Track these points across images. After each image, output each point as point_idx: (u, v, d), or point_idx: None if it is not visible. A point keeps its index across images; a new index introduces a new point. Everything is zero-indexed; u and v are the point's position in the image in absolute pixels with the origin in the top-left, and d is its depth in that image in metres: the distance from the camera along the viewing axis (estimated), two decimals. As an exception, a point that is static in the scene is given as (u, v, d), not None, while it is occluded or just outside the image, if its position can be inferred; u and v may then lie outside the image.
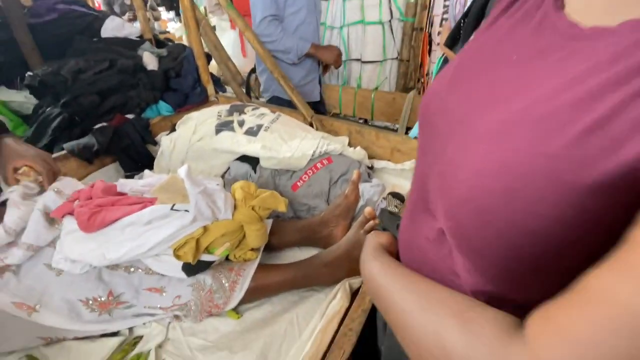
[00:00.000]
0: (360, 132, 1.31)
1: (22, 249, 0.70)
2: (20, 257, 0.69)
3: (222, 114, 1.21)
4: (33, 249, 0.71)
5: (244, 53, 2.61)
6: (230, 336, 0.75)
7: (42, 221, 0.73)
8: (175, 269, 0.73)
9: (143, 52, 1.48)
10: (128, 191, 0.80)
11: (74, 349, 0.72)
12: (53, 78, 1.21)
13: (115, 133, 1.22)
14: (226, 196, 0.79)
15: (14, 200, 0.74)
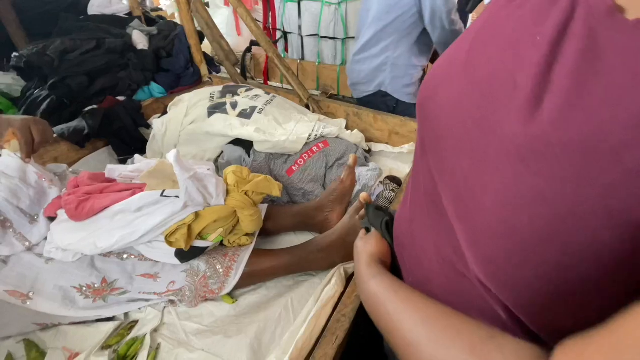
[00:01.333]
0: (358, 115, 1.28)
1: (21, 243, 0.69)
2: (16, 249, 0.68)
3: (215, 95, 1.17)
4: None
5: (238, 31, 2.53)
6: (226, 320, 0.75)
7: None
8: (169, 256, 0.72)
9: (132, 31, 1.42)
10: (117, 177, 0.78)
11: (70, 334, 0.72)
12: (39, 59, 1.17)
13: (106, 116, 1.19)
14: (218, 181, 0.77)
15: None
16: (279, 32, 2.20)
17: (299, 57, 2.18)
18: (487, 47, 0.28)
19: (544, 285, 0.23)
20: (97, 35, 1.30)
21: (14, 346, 0.71)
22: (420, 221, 0.37)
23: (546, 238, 0.21)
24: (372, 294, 0.36)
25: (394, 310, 0.32)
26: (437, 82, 0.32)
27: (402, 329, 0.30)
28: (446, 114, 0.30)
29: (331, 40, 2.00)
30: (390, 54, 1.41)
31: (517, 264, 0.23)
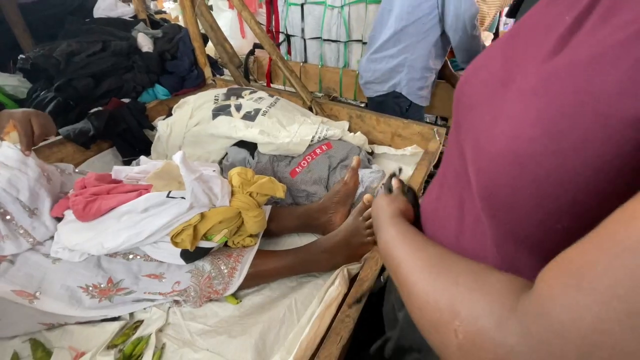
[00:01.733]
0: (361, 117, 1.29)
1: (28, 241, 0.69)
2: (22, 246, 0.69)
3: (219, 97, 1.18)
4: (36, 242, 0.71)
5: (242, 34, 2.54)
6: (230, 321, 0.76)
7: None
8: (174, 256, 0.73)
9: (137, 33, 1.43)
10: (123, 178, 0.79)
11: (76, 333, 0.73)
12: (45, 61, 1.18)
13: (111, 117, 1.20)
14: (223, 182, 0.78)
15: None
16: (282, 35, 2.22)
17: (302, 60, 2.19)
18: (521, 37, 0.31)
19: (543, 204, 0.24)
20: (103, 38, 1.31)
21: (19, 345, 0.72)
22: (446, 199, 0.39)
23: (544, 148, 0.23)
24: (387, 240, 0.37)
25: (398, 253, 0.34)
26: (474, 69, 0.35)
27: (403, 270, 0.31)
28: (477, 89, 0.33)
29: (334, 43, 2.01)
30: (409, 56, 1.41)
31: (518, 174, 0.24)
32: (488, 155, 0.27)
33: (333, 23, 1.95)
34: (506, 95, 0.28)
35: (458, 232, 0.35)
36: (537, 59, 0.27)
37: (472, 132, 0.32)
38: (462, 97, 0.36)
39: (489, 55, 0.35)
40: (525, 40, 0.30)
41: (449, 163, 0.40)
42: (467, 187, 0.33)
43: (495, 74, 0.31)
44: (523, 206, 0.25)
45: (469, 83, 0.35)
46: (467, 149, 0.33)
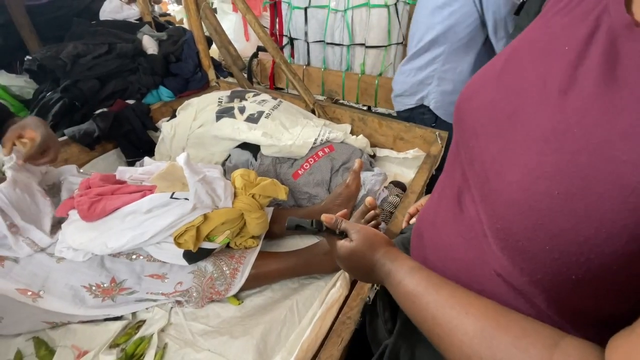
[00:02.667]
0: (363, 120, 1.30)
1: (31, 247, 0.70)
2: (26, 252, 0.69)
3: (223, 100, 1.19)
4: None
5: (246, 37, 2.56)
6: (232, 321, 0.76)
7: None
8: (177, 257, 0.73)
9: (142, 36, 1.45)
10: (127, 179, 0.80)
11: (79, 332, 0.74)
12: (52, 62, 1.19)
13: (116, 119, 1.21)
14: (226, 184, 0.78)
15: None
16: (286, 38, 2.23)
17: (305, 63, 2.20)
18: (522, 58, 0.32)
19: (557, 257, 0.24)
20: (109, 40, 1.33)
21: (23, 344, 0.73)
22: (444, 215, 0.39)
23: (560, 208, 0.23)
24: (409, 294, 0.34)
25: (443, 316, 0.30)
26: (475, 88, 0.36)
27: (456, 337, 0.28)
28: (480, 114, 0.33)
29: (337, 46, 2.02)
30: (438, 67, 1.29)
31: (532, 227, 0.25)
32: (502, 202, 0.27)
33: (336, 27, 1.96)
34: (515, 134, 0.28)
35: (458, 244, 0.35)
36: (542, 94, 0.27)
37: (478, 163, 0.32)
38: (464, 117, 0.36)
39: (488, 75, 0.35)
40: (525, 66, 0.31)
41: (449, 178, 0.39)
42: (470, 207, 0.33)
43: (498, 104, 0.31)
44: (537, 254, 0.25)
45: (471, 105, 0.35)
46: (473, 180, 0.33)
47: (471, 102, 0.35)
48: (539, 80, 0.28)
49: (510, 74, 0.32)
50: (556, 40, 0.29)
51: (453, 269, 0.36)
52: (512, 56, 0.33)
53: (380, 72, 2.03)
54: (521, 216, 0.26)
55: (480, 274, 0.32)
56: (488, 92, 0.33)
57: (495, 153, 0.29)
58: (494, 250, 0.30)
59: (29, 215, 0.71)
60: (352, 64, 2.05)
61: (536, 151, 0.26)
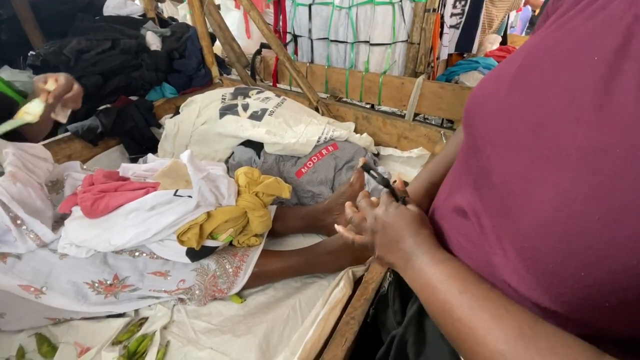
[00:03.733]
0: (367, 118, 1.29)
1: (34, 241, 0.70)
2: (29, 247, 0.69)
3: (227, 97, 1.19)
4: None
5: (248, 34, 2.54)
6: (234, 320, 0.76)
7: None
8: (179, 254, 0.73)
9: (146, 32, 1.44)
10: (131, 176, 0.80)
11: (81, 329, 0.74)
12: (55, 57, 1.19)
13: (119, 115, 1.21)
14: (229, 182, 0.78)
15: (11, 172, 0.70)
16: (289, 35, 2.22)
17: (309, 60, 2.19)
18: (541, 64, 0.30)
19: (591, 284, 0.23)
20: (112, 36, 1.32)
21: (25, 340, 0.73)
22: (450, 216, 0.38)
23: (599, 233, 0.22)
24: (436, 285, 0.33)
25: (466, 312, 0.29)
26: (486, 92, 0.34)
27: (478, 338, 0.28)
28: (495, 121, 0.31)
29: (341, 44, 2.01)
30: None
31: (564, 253, 0.24)
32: (530, 220, 0.26)
33: (340, 24, 1.95)
34: (541, 148, 0.27)
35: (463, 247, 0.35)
36: (572, 107, 0.26)
37: (497, 175, 0.30)
38: (475, 123, 0.34)
39: (502, 78, 0.33)
40: (546, 73, 0.29)
41: (458, 180, 0.38)
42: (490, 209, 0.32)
43: (517, 112, 0.29)
44: (568, 279, 0.24)
45: (483, 110, 0.33)
46: (488, 190, 0.31)
47: (483, 106, 0.33)
48: (565, 91, 0.27)
49: (528, 80, 0.30)
50: (581, 48, 0.27)
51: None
52: (529, 60, 0.31)
53: (385, 70, 2.01)
54: (552, 238, 0.24)
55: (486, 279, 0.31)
56: (503, 98, 0.31)
57: (519, 166, 0.28)
58: (514, 266, 0.28)
59: (32, 209, 0.70)
60: (356, 61, 2.03)
61: (571, 170, 0.24)
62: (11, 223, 0.66)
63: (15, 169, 0.71)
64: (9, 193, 0.66)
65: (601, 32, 0.27)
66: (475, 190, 0.34)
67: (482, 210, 0.32)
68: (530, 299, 0.28)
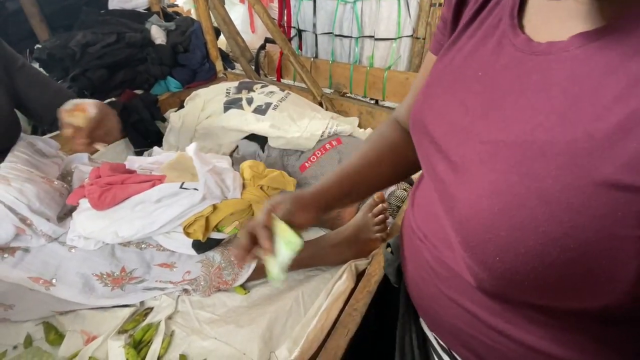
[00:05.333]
0: (371, 113, 1.29)
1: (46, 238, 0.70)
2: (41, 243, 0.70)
3: (231, 91, 1.19)
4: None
5: (252, 28, 2.54)
6: (238, 311, 0.77)
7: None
8: (186, 246, 0.74)
9: (151, 26, 1.44)
10: (137, 168, 0.81)
11: (88, 318, 0.75)
12: (61, 51, 1.20)
13: (124, 109, 1.21)
14: (235, 175, 0.79)
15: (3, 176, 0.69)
16: (294, 30, 2.21)
17: (313, 55, 2.18)
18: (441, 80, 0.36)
19: (507, 266, 0.27)
20: (118, 30, 1.33)
21: (33, 328, 0.74)
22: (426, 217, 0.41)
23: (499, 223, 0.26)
24: None
25: None
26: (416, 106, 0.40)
27: None
28: (420, 132, 0.37)
29: (345, 38, 2.00)
30: None
31: (483, 242, 0.28)
32: (460, 216, 0.30)
33: (345, 18, 1.94)
34: (451, 155, 0.32)
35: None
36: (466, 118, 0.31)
37: (439, 182, 0.34)
38: (424, 127, 0.38)
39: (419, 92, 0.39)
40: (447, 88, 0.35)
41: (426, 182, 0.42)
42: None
43: (433, 126, 0.35)
44: (490, 262, 0.28)
45: (415, 122, 0.38)
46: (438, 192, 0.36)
47: (415, 124, 0.39)
48: (460, 104, 0.32)
49: (432, 99, 0.36)
50: (466, 64, 0.33)
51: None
52: (432, 81, 0.37)
53: (389, 66, 2.00)
54: (474, 231, 0.28)
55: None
56: (421, 113, 0.37)
57: (442, 173, 0.33)
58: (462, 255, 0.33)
59: (35, 206, 0.70)
60: (361, 56, 2.02)
61: (474, 172, 0.29)
62: (23, 224, 0.67)
63: (9, 170, 0.71)
64: (10, 195, 0.67)
65: (481, 46, 0.32)
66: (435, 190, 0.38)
67: (441, 210, 0.36)
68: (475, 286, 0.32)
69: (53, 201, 0.74)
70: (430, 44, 0.45)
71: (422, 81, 0.44)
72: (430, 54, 0.44)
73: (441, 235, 0.36)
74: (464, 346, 0.37)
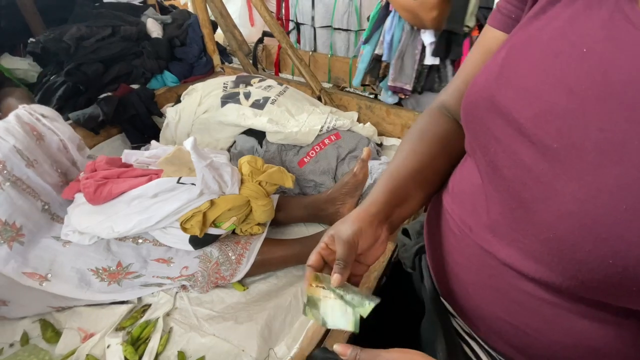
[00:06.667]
0: (370, 108, 1.27)
1: None
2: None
3: (228, 85, 1.18)
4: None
5: (251, 21, 2.51)
6: (236, 307, 0.76)
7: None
8: (183, 242, 0.73)
9: (147, 19, 1.42)
10: (133, 162, 0.79)
11: (85, 315, 0.74)
12: (55, 45, 1.18)
13: (121, 103, 1.20)
14: (233, 170, 0.78)
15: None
16: (292, 23, 2.19)
17: (311, 49, 2.16)
18: (525, 55, 0.30)
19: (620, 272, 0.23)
20: (113, 23, 1.30)
21: (29, 326, 0.73)
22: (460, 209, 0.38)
23: (627, 223, 0.22)
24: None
25: None
26: (477, 90, 0.34)
27: None
28: (493, 116, 0.32)
29: (344, 32, 1.98)
30: None
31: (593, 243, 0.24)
32: (552, 212, 0.27)
33: (344, 11, 1.91)
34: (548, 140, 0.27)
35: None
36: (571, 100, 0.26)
37: (508, 169, 0.30)
38: (475, 120, 0.34)
39: (490, 71, 0.33)
40: (535, 64, 0.29)
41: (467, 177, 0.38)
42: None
43: (517, 109, 0.29)
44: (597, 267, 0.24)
45: (478, 108, 0.33)
46: (498, 186, 0.31)
47: (478, 104, 0.33)
48: (559, 82, 0.27)
49: (515, 73, 0.30)
50: (563, 37, 0.28)
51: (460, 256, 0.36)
52: (512, 54, 0.31)
53: (388, 60, 1.98)
54: (579, 229, 0.25)
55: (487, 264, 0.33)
56: (494, 93, 0.31)
57: (527, 160, 0.28)
58: (532, 253, 0.29)
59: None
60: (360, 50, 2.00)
61: (591, 162, 0.24)
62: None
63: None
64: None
65: (583, 18, 0.27)
66: (484, 183, 0.34)
67: (493, 203, 0.33)
68: (540, 280, 0.29)
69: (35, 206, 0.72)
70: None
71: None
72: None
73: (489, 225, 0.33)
74: (509, 343, 0.35)
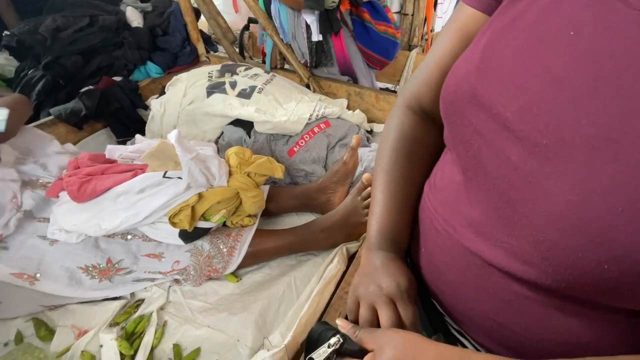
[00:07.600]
0: (360, 94, 1.26)
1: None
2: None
3: (213, 74, 1.15)
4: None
5: (236, 8, 2.44)
6: (230, 299, 0.77)
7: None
8: (172, 236, 0.72)
9: (126, 7, 1.37)
10: (117, 157, 0.78)
11: (78, 312, 0.74)
12: (31, 37, 1.13)
13: (103, 97, 1.16)
14: (220, 162, 0.77)
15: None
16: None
17: (298, 35, 2.11)
18: (507, 42, 0.28)
19: (617, 276, 0.22)
20: (90, 12, 1.25)
21: (23, 325, 0.73)
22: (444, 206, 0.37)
23: (624, 226, 0.21)
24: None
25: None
26: (456, 81, 0.31)
27: None
28: (474, 109, 0.29)
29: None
30: None
31: (586, 246, 0.23)
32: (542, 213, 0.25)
33: (330, -5, 1.86)
34: (536, 136, 0.25)
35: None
36: (560, 92, 0.23)
37: (493, 166, 0.28)
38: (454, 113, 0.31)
39: (470, 60, 0.30)
40: (518, 51, 0.26)
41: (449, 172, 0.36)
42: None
43: (501, 102, 0.26)
44: (591, 270, 0.23)
45: (459, 101, 0.30)
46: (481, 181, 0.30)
47: (459, 96, 0.31)
48: (545, 72, 0.24)
49: (497, 61, 0.28)
50: (546, 21, 0.25)
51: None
52: (493, 40, 0.28)
53: (377, 44, 1.95)
54: (572, 232, 0.23)
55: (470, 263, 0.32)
56: (474, 84, 0.29)
57: (513, 156, 0.26)
58: (522, 255, 0.27)
59: None
60: (348, 35, 1.96)
61: (582, 160, 0.23)
62: None
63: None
64: None
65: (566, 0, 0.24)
66: (466, 179, 0.32)
67: (475, 200, 0.31)
68: (529, 280, 0.27)
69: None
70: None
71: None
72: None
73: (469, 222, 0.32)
74: (498, 341, 0.34)
